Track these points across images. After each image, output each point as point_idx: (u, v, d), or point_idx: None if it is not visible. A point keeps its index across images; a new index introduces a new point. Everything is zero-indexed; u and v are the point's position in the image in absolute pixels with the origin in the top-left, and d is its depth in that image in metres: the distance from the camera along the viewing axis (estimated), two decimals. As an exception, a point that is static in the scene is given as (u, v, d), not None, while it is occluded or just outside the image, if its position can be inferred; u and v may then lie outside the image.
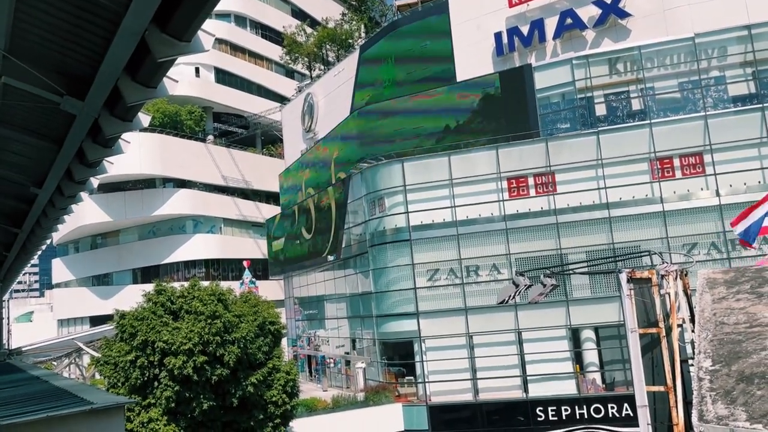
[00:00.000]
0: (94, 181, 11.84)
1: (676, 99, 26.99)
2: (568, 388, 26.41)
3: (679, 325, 12.20)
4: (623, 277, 11.98)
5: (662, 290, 12.05)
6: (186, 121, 52.21)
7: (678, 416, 11.47)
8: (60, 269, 59.95)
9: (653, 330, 11.89)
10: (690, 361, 11.88)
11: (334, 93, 39.28)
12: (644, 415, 11.61)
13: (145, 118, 8.99)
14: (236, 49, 58.21)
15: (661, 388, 11.75)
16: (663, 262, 12.55)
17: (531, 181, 27.62)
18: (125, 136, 9.50)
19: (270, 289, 46.01)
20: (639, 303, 11.86)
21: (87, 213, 47.97)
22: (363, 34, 51.76)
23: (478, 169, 28.22)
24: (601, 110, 28.14)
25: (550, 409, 26.14)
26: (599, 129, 27.01)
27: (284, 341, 28.89)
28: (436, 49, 32.11)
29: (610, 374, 26.63)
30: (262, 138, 60.81)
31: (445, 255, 28.31)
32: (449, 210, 28.36)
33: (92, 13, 6.46)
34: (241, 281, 45.21)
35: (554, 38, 29.06)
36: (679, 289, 12.27)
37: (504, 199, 27.74)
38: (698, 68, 26.34)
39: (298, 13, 63.30)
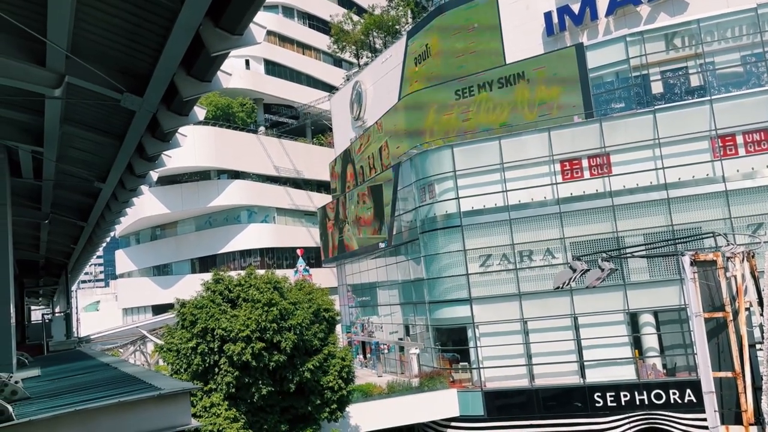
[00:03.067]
0: (154, 175, 12.23)
1: (738, 73, 25.83)
2: (626, 373, 25.85)
3: (747, 309, 11.75)
4: (686, 260, 11.58)
5: (728, 273, 11.61)
6: (238, 113, 53.17)
7: (746, 402, 11.09)
8: (123, 260, 62.28)
9: (719, 314, 11.49)
10: (758, 346, 11.45)
11: (382, 80, 39.21)
12: (711, 402, 11.26)
13: (200, 112, 9.21)
14: (284, 40, 58.79)
15: (728, 374, 11.37)
16: (728, 244, 12.08)
17: (585, 163, 26.97)
18: (182, 129, 9.76)
19: (323, 277, 46.62)
20: (703, 286, 11.47)
21: (146, 205, 49.57)
22: (410, 20, 51.40)
23: (530, 152, 27.74)
24: (657, 88, 27.18)
25: (608, 394, 25.67)
26: (656, 107, 26.12)
27: (338, 328, 29.25)
28: (484, 31, 31.59)
29: (671, 359, 25.92)
30: (312, 128, 61.39)
31: (498, 240, 28.01)
32: (501, 195, 28.01)
33: (149, 11, 6.63)
34: (295, 269, 45.97)
35: (607, 15, 28.17)
36: (746, 271, 11.80)
37: (557, 182, 27.20)
38: (761, 40, 25.10)
39: (345, 2, 63.34)
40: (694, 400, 23.69)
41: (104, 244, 26.16)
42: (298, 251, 49.08)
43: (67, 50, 6.92)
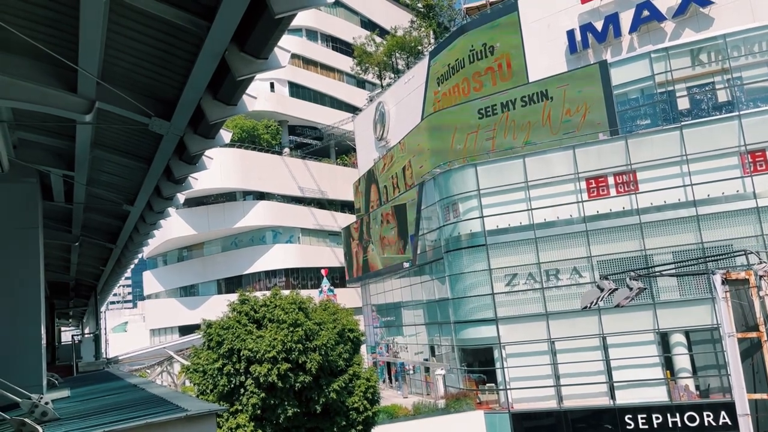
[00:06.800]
0: (181, 197, 12.40)
1: (767, 88, 25.44)
2: (658, 394, 25.26)
3: (781, 328, 11.43)
4: (717, 278, 11.33)
5: (761, 292, 11.32)
6: (263, 135, 53.85)
7: (783, 426, 10.74)
8: (150, 281, 63.06)
9: (753, 334, 11.19)
10: (795, 367, 11.10)
11: (405, 100, 39.44)
12: (746, 425, 10.93)
13: (226, 135, 9.33)
14: (308, 63, 59.58)
15: (764, 396, 11.04)
16: (761, 262, 11.80)
17: (611, 180, 26.70)
18: (208, 152, 9.90)
19: (348, 297, 46.65)
20: (736, 306, 11.19)
21: (173, 227, 50.26)
22: (432, 40, 51.74)
23: (555, 170, 27.55)
24: (683, 104, 26.89)
25: (639, 417, 25.08)
26: (682, 123, 25.80)
27: (363, 348, 29.15)
28: (506, 50, 31.68)
29: (704, 380, 25.27)
30: (336, 148, 61.85)
31: (523, 259, 27.76)
32: (526, 213, 27.82)
33: (176, 37, 6.79)
34: (319, 289, 46.04)
35: (630, 32, 28.07)
36: (779, 289, 11.50)
37: (583, 200, 26.94)
38: (791, 54, 24.75)
39: (367, 24, 64.10)
40: (729, 423, 23.03)
41: (132, 266, 26.51)
42: (323, 271, 49.19)
43: (97, 77, 7.10)
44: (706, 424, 23.99)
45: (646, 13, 27.52)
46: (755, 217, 24.06)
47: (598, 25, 28.79)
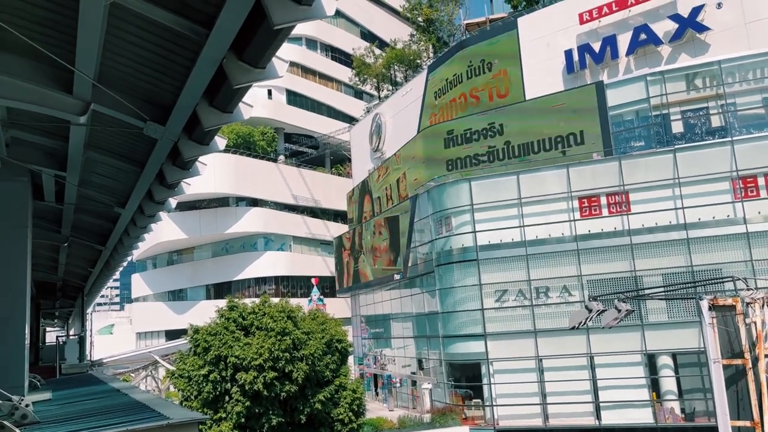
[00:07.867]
0: (173, 201, 12.36)
1: (759, 115, 25.68)
2: (643, 416, 25.22)
3: (766, 356, 11.47)
4: (704, 304, 11.37)
5: (748, 319, 11.36)
6: (258, 142, 53.82)
7: (767, 453, 10.75)
8: (139, 284, 62.65)
9: (738, 361, 11.22)
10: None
11: (402, 113, 39.56)
12: (729, 451, 10.94)
13: (221, 142, 9.33)
14: (307, 72, 59.74)
15: (747, 423, 11.05)
16: (748, 288, 11.86)
17: (603, 200, 26.80)
18: (202, 158, 9.89)
19: (337, 307, 46.49)
20: (722, 332, 11.23)
21: (164, 230, 50.02)
22: (431, 54, 52.02)
23: (548, 188, 27.64)
24: (678, 127, 27.09)
25: (624, 438, 25.05)
26: (676, 147, 25.98)
27: (351, 359, 29.00)
28: (504, 67, 31.88)
29: (689, 404, 25.27)
30: (331, 158, 61.92)
31: (514, 276, 27.76)
32: (518, 230, 27.86)
33: (175, 43, 6.80)
34: (309, 298, 45.89)
35: (627, 54, 28.32)
36: (766, 317, 11.55)
37: (575, 218, 27.03)
38: (784, 82, 25.01)
39: (367, 35, 64.41)
40: (714, 447, 23.00)
41: (121, 268, 26.36)
42: (313, 280, 49.06)
43: (93, 79, 7.10)
44: (691, 447, 23.98)
45: (643, 36, 27.79)
46: (745, 243, 24.18)
47: (596, 47, 29.05)
